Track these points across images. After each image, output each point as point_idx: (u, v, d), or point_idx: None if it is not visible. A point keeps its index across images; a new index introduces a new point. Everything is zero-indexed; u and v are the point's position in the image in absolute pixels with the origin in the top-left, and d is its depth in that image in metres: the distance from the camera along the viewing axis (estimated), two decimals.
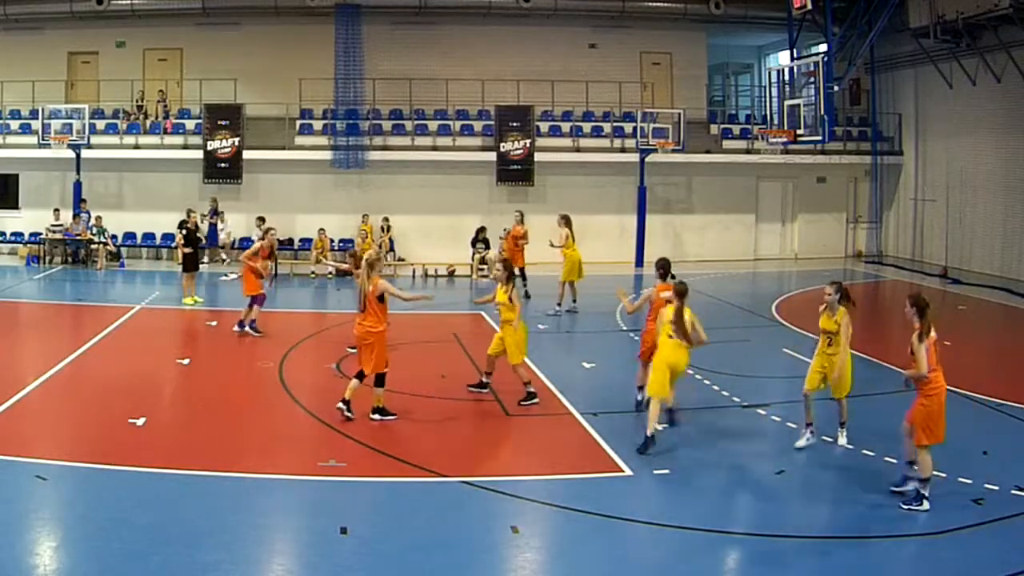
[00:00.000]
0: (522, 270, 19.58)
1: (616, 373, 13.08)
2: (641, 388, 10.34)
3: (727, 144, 26.09)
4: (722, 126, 26.70)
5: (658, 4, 26.09)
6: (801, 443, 9.44)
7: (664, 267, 10.51)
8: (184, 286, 17.78)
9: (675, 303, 9.26)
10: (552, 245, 17.85)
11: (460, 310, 18.54)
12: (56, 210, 23.10)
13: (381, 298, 9.93)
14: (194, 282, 17.84)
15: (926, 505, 7.77)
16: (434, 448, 9.33)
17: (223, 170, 23.73)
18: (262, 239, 15.44)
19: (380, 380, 10.03)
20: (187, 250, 17.65)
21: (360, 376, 10.05)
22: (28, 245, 23.47)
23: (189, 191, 23.63)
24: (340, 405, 9.99)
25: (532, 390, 10.97)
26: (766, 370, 12.89)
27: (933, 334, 7.88)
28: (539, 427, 10.37)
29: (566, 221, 17.60)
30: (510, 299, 10.86)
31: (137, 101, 25.00)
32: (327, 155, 24.21)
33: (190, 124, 24.40)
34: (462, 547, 7.07)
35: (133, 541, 6.82)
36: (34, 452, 8.58)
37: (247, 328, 14.60)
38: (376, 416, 10.05)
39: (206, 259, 23.32)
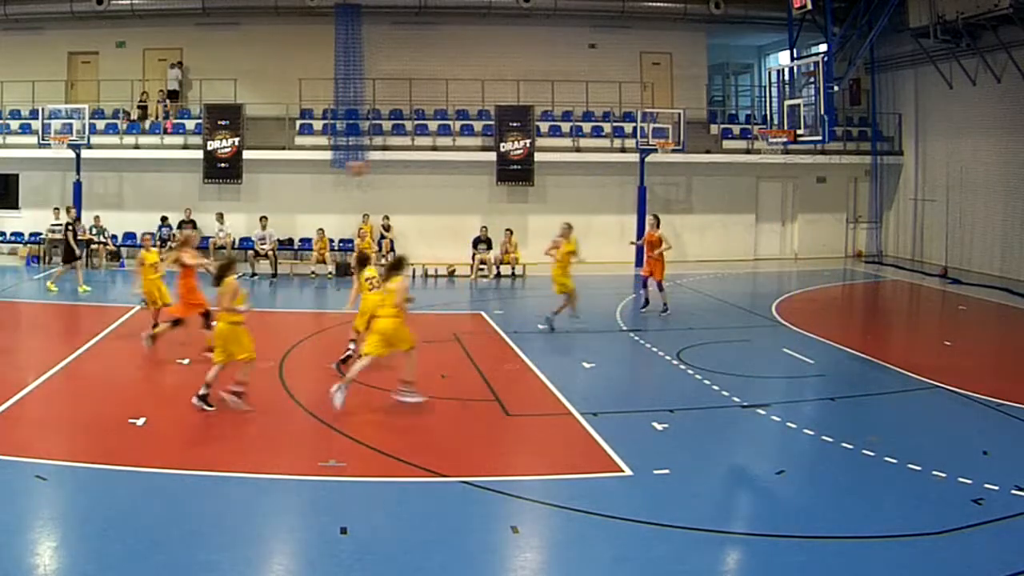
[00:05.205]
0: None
1: (616, 373, 13.10)
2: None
3: (727, 144, 26.09)
4: (722, 126, 26.69)
5: (658, 4, 26.10)
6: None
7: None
8: None
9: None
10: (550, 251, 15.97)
11: (460, 310, 18.53)
12: (56, 209, 23.10)
13: None
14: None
15: None
16: (434, 448, 9.32)
17: (223, 170, 23.72)
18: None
19: None
20: None
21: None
22: (28, 245, 23.47)
23: (189, 191, 23.66)
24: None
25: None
26: (766, 370, 12.89)
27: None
28: (539, 427, 10.37)
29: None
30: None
31: (140, 101, 25.01)
32: (327, 155, 24.19)
33: (190, 124, 24.40)
34: (462, 547, 7.06)
35: (133, 541, 6.81)
36: (34, 452, 8.57)
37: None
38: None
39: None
